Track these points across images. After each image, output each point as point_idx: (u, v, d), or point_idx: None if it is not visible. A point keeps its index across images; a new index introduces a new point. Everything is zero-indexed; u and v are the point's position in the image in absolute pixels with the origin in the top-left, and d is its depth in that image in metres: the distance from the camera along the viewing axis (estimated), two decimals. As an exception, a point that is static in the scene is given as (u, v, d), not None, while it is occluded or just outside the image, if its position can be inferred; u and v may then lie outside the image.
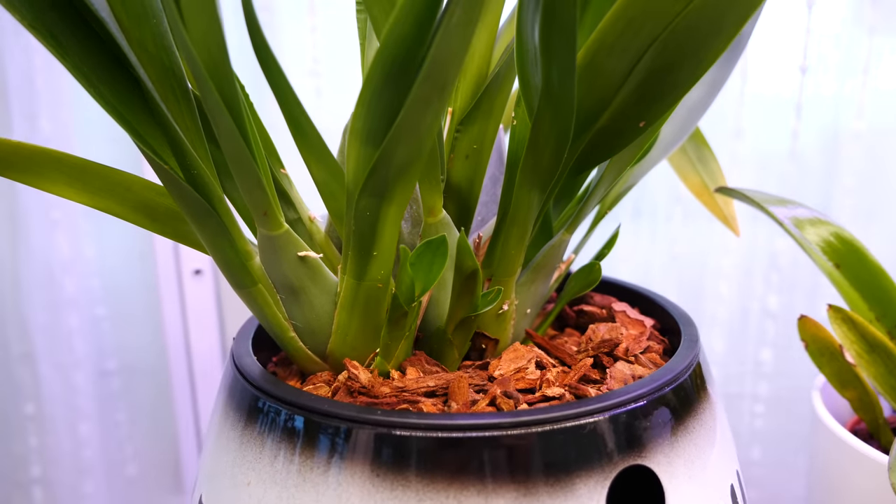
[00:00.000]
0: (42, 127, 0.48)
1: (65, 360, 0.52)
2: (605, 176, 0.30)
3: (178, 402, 0.57)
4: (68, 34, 0.22)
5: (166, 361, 0.57)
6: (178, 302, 0.55)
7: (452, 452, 0.22)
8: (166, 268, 0.54)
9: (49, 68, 0.47)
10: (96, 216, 0.53)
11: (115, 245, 0.55)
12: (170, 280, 0.54)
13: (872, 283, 0.35)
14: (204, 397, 0.57)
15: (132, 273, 0.55)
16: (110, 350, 0.56)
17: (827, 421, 0.35)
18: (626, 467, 0.23)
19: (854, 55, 0.50)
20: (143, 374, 0.58)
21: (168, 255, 0.54)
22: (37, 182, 0.25)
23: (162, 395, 0.58)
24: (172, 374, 0.56)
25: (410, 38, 0.20)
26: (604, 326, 0.31)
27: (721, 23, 0.22)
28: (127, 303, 0.56)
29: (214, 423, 0.28)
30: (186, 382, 0.57)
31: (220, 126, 0.22)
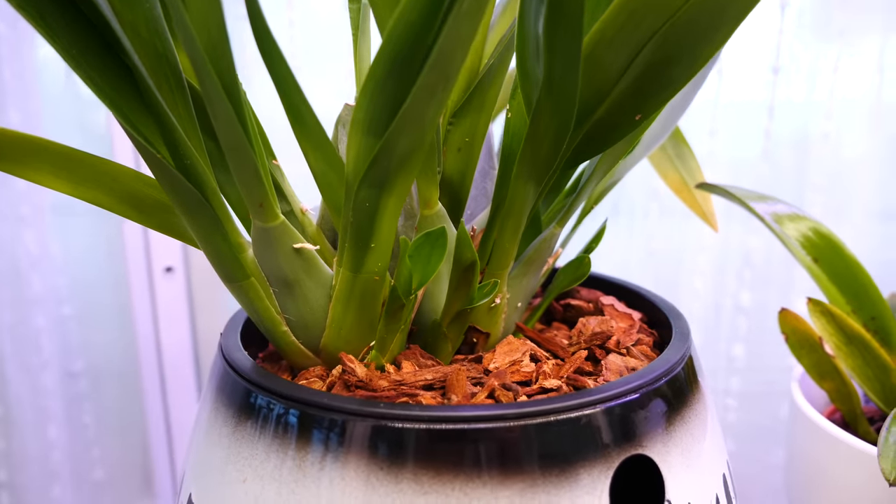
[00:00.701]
0: (10, 118, 0.46)
1: (32, 360, 0.51)
2: (598, 169, 0.30)
3: (149, 403, 0.55)
4: (57, 16, 0.22)
5: (136, 362, 0.55)
6: (148, 300, 0.53)
7: (458, 444, 0.21)
8: (136, 265, 0.53)
9: (17, 58, 0.46)
10: (65, 212, 0.52)
11: (83, 242, 0.53)
12: (140, 278, 0.53)
13: (849, 277, 0.36)
14: (175, 398, 0.56)
15: (101, 271, 0.54)
16: (77, 350, 0.54)
17: (807, 411, 0.35)
18: (627, 457, 0.23)
19: (824, 58, 0.51)
20: (111, 375, 0.56)
21: (139, 252, 0.52)
22: (19, 171, 0.24)
23: (131, 397, 0.57)
24: (143, 375, 0.55)
25: (418, 26, 0.20)
26: (594, 320, 0.31)
27: (721, 18, 0.22)
28: (95, 302, 0.54)
29: (203, 420, 0.28)
30: (157, 383, 0.55)
31: (218, 113, 0.21)
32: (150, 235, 0.52)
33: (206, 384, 0.29)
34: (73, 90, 0.51)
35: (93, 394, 0.55)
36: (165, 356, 0.55)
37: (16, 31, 0.46)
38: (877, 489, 0.32)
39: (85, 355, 0.54)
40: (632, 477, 0.24)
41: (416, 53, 0.21)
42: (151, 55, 0.23)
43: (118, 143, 0.51)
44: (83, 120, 0.52)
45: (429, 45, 0.21)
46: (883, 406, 0.36)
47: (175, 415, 0.56)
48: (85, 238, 0.53)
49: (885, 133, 0.53)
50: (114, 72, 0.23)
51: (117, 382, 0.56)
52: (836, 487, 0.34)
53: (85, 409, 0.55)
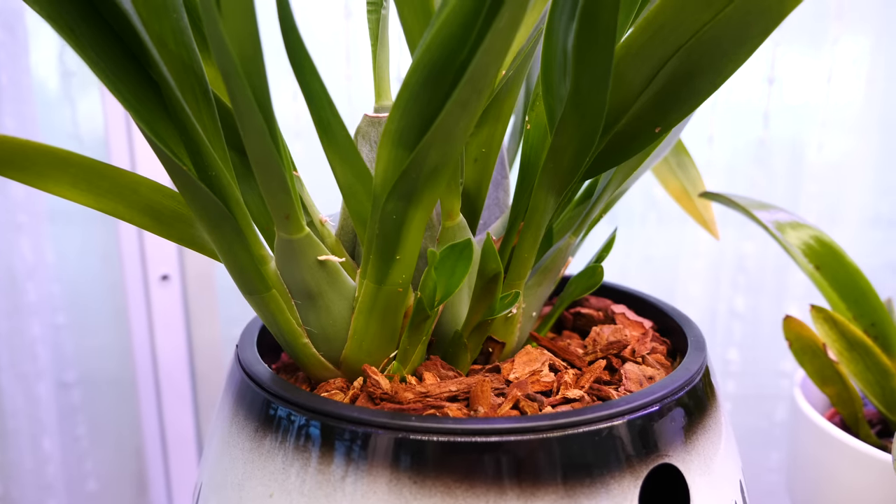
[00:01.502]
0: (6, 123, 0.45)
1: (27, 370, 0.49)
2: (613, 180, 0.30)
3: (144, 413, 0.54)
4: (86, 29, 0.21)
5: (131, 371, 0.54)
6: (144, 309, 0.52)
7: (491, 457, 0.21)
8: (132, 273, 0.52)
9: (13, 64, 0.45)
10: (61, 220, 0.51)
11: (77, 250, 0.52)
12: (136, 286, 0.52)
13: (850, 284, 0.37)
14: (170, 407, 0.55)
15: (95, 279, 0.53)
16: (70, 360, 0.53)
17: (811, 415, 0.36)
18: (655, 466, 0.23)
19: (817, 67, 0.52)
20: (105, 385, 0.55)
21: (134, 260, 0.51)
22: (39, 182, 0.23)
23: (125, 407, 0.56)
24: (138, 385, 0.54)
25: (455, 40, 0.20)
26: (608, 328, 0.32)
27: (746, 33, 0.23)
28: (90, 310, 0.53)
29: (220, 433, 0.28)
30: (152, 392, 0.54)
31: (248, 125, 0.21)
32: (146, 243, 0.52)
33: (223, 397, 0.29)
34: (68, 96, 0.50)
35: (86, 404, 0.54)
36: (161, 365, 0.54)
37: (12, 37, 0.45)
38: (880, 491, 0.33)
39: (78, 365, 0.53)
40: (655, 486, 0.24)
41: (450, 67, 0.21)
42: (178, 67, 0.23)
43: (114, 149, 0.51)
44: (77, 128, 0.51)
45: (462, 60, 0.21)
46: (884, 409, 0.37)
47: (170, 424, 0.56)
48: (80, 246, 0.52)
49: (878, 141, 0.54)
50: (139, 83, 0.23)
51: (111, 392, 0.55)
52: (840, 489, 0.35)
53: (78, 421, 0.54)
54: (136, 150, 0.51)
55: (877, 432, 0.39)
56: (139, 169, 0.49)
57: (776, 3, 0.22)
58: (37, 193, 0.48)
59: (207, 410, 0.57)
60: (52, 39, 0.50)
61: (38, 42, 0.48)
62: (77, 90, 0.50)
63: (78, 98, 0.50)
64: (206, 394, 0.57)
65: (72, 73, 0.50)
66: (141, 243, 0.52)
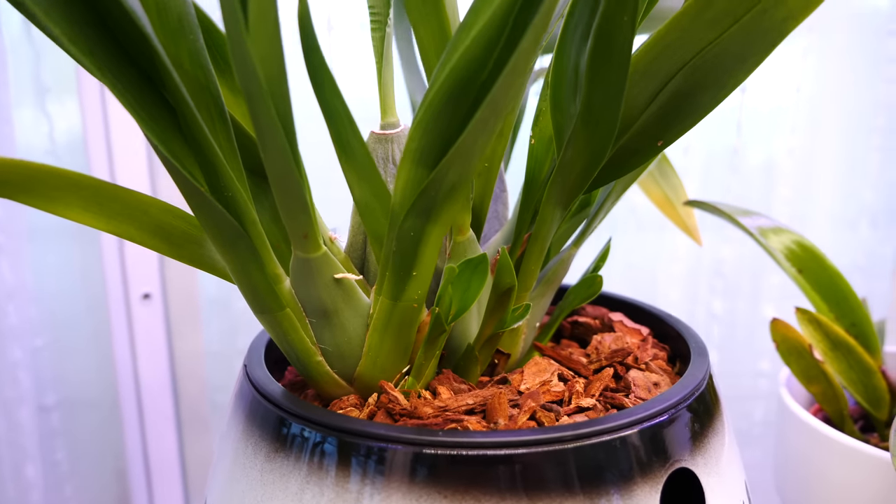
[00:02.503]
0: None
1: (9, 395, 0.48)
2: (613, 192, 0.31)
3: (126, 435, 0.53)
4: (101, 51, 0.21)
5: (113, 393, 0.53)
6: (125, 329, 0.51)
7: (520, 468, 0.22)
8: (113, 293, 0.51)
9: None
10: (41, 240, 0.49)
11: (57, 270, 0.51)
12: (117, 306, 0.51)
13: (831, 286, 0.39)
14: (153, 428, 0.54)
15: (75, 300, 0.52)
16: (49, 383, 0.52)
17: (799, 413, 0.37)
18: (674, 470, 0.24)
19: (789, 76, 0.54)
20: (86, 408, 0.54)
21: (116, 279, 0.50)
22: (49, 206, 0.23)
23: (106, 430, 0.54)
24: (121, 406, 0.53)
25: (478, 61, 0.21)
26: (609, 337, 0.32)
27: (749, 50, 0.24)
28: (69, 332, 0.52)
29: (230, 455, 0.27)
30: (135, 414, 0.53)
31: (270, 145, 0.21)
32: (127, 262, 0.51)
33: (231, 417, 0.29)
34: (44, 112, 0.49)
35: (66, 428, 0.53)
36: (143, 385, 0.53)
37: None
38: (870, 485, 0.34)
39: (58, 388, 0.52)
40: (671, 491, 0.25)
41: (472, 87, 0.21)
42: (194, 87, 0.23)
43: (94, 162, 0.50)
44: (53, 144, 0.50)
45: (483, 80, 0.22)
46: (867, 406, 0.38)
47: (153, 445, 0.54)
48: (58, 266, 0.51)
49: (843, 147, 0.57)
50: (154, 104, 0.23)
51: (91, 415, 0.54)
52: (831, 485, 0.36)
53: (58, 445, 0.52)
54: (115, 168, 0.50)
55: (860, 428, 0.40)
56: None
57: (778, 22, 0.23)
58: (16, 213, 0.47)
59: (191, 429, 0.56)
60: (28, 56, 0.48)
61: (16, 58, 0.47)
62: (53, 104, 0.49)
63: (53, 114, 0.49)
64: (189, 413, 0.56)
65: (47, 88, 0.49)
66: (122, 262, 0.51)
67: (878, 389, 0.38)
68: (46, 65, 0.49)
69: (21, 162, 0.22)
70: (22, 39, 0.48)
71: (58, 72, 0.49)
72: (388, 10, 0.29)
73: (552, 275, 0.32)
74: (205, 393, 0.55)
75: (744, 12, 0.22)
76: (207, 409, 0.56)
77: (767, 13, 0.22)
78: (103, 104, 0.50)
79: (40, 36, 0.49)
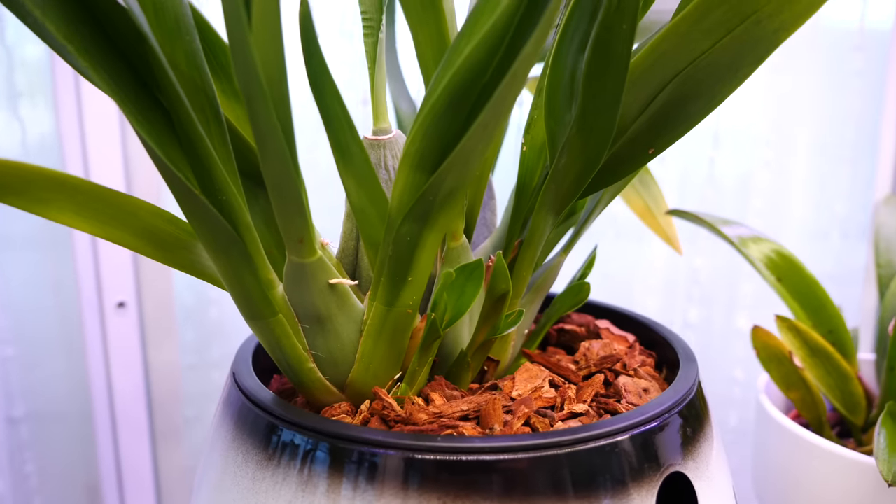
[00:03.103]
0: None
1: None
2: (602, 199, 0.31)
3: (99, 446, 0.52)
4: (97, 49, 0.21)
5: (86, 403, 0.52)
6: (99, 338, 0.50)
7: (522, 472, 0.22)
8: (88, 301, 0.49)
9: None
10: (11, 248, 0.48)
11: (28, 277, 0.50)
12: (92, 314, 0.49)
13: (809, 295, 0.40)
14: (126, 442, 0.53)
15: (47, 308, 0.50)
16: (18, 393, 0.50)
17: (779, 419, 0.38)
18: (669, 474, 0.24)
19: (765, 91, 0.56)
20: (56, 420, 0.52)
21: (90, 287, 0.49)
22: (41, 209, 0.22)
23: (77, 442, 0.53)
24: (94, 419, 0.51)
25: (481, 65, 0.21)
26: (597, 344, 0.33)
27: (742, 61, 0.24)
28: (41, 341, 0.50)
29: (217, 466, 0.27)
30: (108, 427, 0.52)
31: (270, 149, 0.21)
32: (102, 270, 0.49)
33: (218, 427, 0.28)
34: (16, 116, 0.48)
35: (35, 440, 0.51)
36: (116, 395, 0.51)
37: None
38: (850, 488, 0.35)
39: (27, 399, 0.50)
40: (664, 494, 0.25)
41: (472, 91, 0.22)
42: (190, 89, 0.22)
43: (70, 168, 0.48)
44: (28, 145, 0.49)
45: (485, 83, 0.22)
46: (844, 411, 0.39)
47: (126, 458, 0.53)
48: (30, 273, 0.49)
49: (816, 161, 0.58)
50: (149, 107, 0.22)
51: (63, 427, 0.52)
52: (811, 488, 0.37)
53: (27, 458, 0.51)
54: (91, 174, 0.49)
55: (836, 433, 0.41)
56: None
57: (770, 33, 0.23)
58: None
59: (164, 441, 0.55)
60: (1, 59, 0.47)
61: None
62: (24, 106, 0.48)
63: (24, 117, 0.48)
64: (162, 424, 0.55)
65: (20, 93, 0.48)
66: (97, 270, 0.49)
67: (854, 395, 0.38)
68: (19, 68, 0.48)
69: (11, 162, 0.21)
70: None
71: (31, 76, 0.48)
72: (381, 15, 0.29)
73: (542, 282, 0.32)
74: (178, 402, 0.54)
75: (738, 23, 0.23)
76: (181, 420, 0.55)
77: (761, 24, 0.23)
78: (79, 109, 0.49)
79: (14, 39, 0.48)
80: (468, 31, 0.22)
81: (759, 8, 0.22)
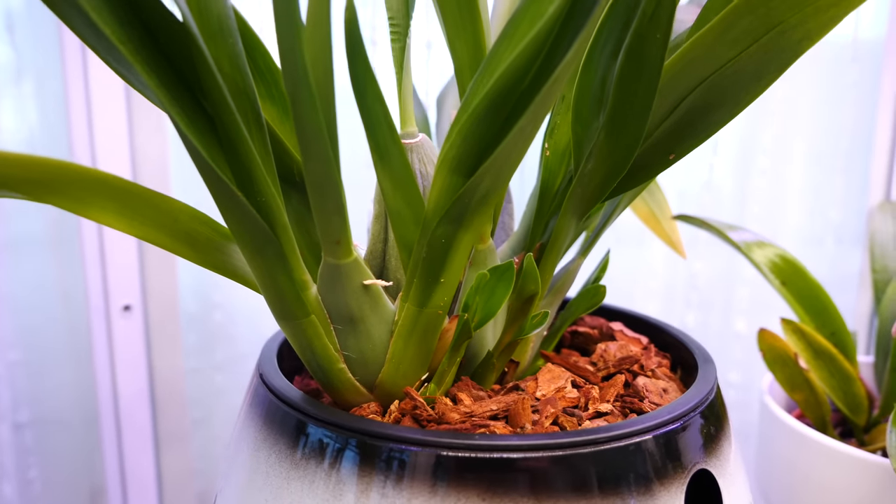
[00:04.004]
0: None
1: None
2: (621, 203, 0.32)
3: (106, 452, 0.51)
4: (146, 52, 0.21)
5: (91, 409, 0.51)
6: (105, 341, 0.50)
7: (558, 470, 0.22)
8: (94, 305, 0.49)
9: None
10: (18, 250, 0.47)
11: (35, 281, 0.49)
12: (98, 318, 0.49)
13: (812, 298, 0.41)
14: (130, 446, 0.52)
15: (54, 312, 0.50)
16: (24, 398, 0.49)
17: (785, 418, 0.39)
18: (696, 471, 0.25)
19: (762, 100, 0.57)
20: (61, 425, 0.52)
21: (97, 291, 0.49)
22: (81, 209, 0.22)
23: (82, 447, 0.52)
24: (100, 423, 0.51)
25: (521, 72, 0.21)
26: (613, 345, 0.33)
27: (765, 69, 0.25)
28: (47, 345, 0.50)
29: (245, 464, 0.27)
30: (113, 431, 0.51)
31: (314, 150, 0.21)
32: (109, 273, 0.49)
33: (243, 427, 0.28)
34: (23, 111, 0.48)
35: (39, 445, 0.51)
36: (122, 400, 0.51)
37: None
38: (856, 487, 0.36)
39: (32, 403, 0.50)
40: (690, 492, 0.26)
41: (512, 96, 0.22)
42: (233, 91, 0.23)
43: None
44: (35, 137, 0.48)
45: (523, 89, 0.22)
46: (847, 412, 0.40)
47: (130, 462, 0.53)
48: (37, 277, 0.49)
49: (813, 169, 0.60)
50: (192, 107, 0.23)
51: (67, 431, 0.52)
52: (817, 487, 0.38)
53: (31, 463, 0.50)
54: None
55: (839, 433, 0.42)
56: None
57: (794, 43, 0.24)
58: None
59: (168, 444, 0.55)
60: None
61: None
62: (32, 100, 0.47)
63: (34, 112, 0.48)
64: (166, 427, 0.54)
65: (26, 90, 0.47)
66: (104, 273, 0.49)
67: (857, 396, 0.39)
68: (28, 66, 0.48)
69: (52, 161, 0.21)
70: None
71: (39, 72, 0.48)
72: (409, 21, 0.29)
73: (561, 284, 0.32)
74: (183, 406, 0.54)
75: (764, 32, 0.23)
76: (185, 423, 0.55)
77: (786, 34, 0.23)
78: (88, 103, 0.48)
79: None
80: (507, 39, 0.22)
81: (785, 18, 0.23)
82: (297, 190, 0.27)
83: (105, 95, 0.49)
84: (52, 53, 0.48)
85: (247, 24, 0.25)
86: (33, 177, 0.22)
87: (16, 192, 0.22)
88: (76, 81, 0.48)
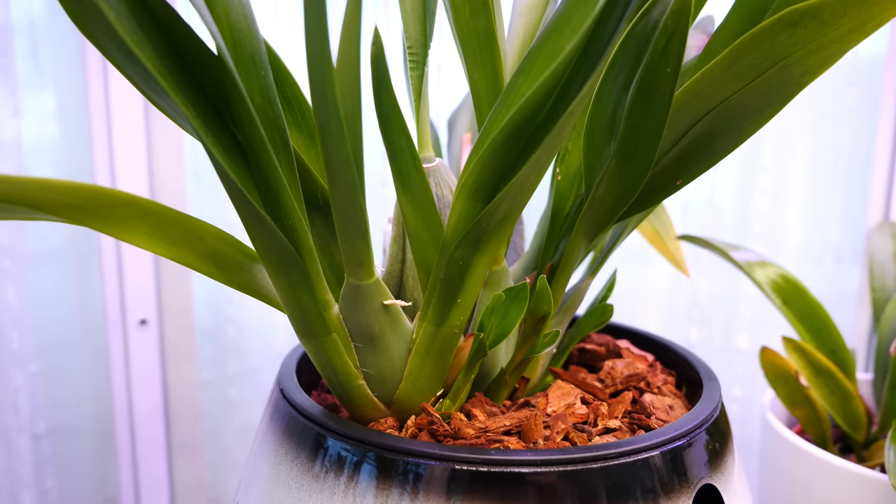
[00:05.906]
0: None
1: (10, 422, 0.46)
2: (629, 226, 0.33)
3: (120, 464, 0.52)
4: (183, 83, 0.22)
5: (106, 420, 0.52)
6: (121, 355, 0.51)
7: (569, 484, 0.23)
8: (111, 319, 0.50)
9: None
10: (34, 265, 0.49)
11: (54, 295, 0.50)
12: (115, 332, 0.50)
13: (813, 317, 0.42)
14: (144, 458, 0.53)
15: (71, 325, 0.51)
16: (42, 410, 0.50)
17: (787, 435, 0.40)
18: (701, 486, 0.26)
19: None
20: (77, 436, 0.52)
21: (114, 305, 0.50)
22: (117, 231, 0.24)
23: (97, 458, 0.53)
24: (115, 435, 0.52)
25: (538, 105, 0.23)
26: (620, 362, 0.34)
27: (769, 101, 0.26)
28: (64, 358, 0.51)
29: (266, 476, 0.28)
30: (128, 443, 0.52)
31: (340, 177, 0.22)
32: (126, 288, 0.50)
33: (262, 441, 0.29)
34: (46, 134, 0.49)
35: (57, 456, 0.51)
36: (136, 412, 0.52)
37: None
38: (853, 501, 0.37)
39: (50, 414, 0.51)
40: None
41: (529, 127, 0.23)
42: (263, 120, 0.24)
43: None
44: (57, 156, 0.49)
45: (539, 122, 0.23)
46: (847, 429, 0.41)
47: (144, 474, 0.53)
48: (56, 291, 0.50)
49: (813, 188, 0.61)
50: (224, 134, 0.24)
51: (82, 442, 0.53)
52: (816, 501, 0.39)
53: (48, 473, 0.51)
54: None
55: (839, 449, 0.43)
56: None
57: (797, 77, 0.25)
58: (21, 237, 0.46)
59: (181, 455, 0.56)
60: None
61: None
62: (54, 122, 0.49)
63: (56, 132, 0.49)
64: (179, 439, 0.55)
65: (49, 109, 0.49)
66: (121, 287, 0.50)
67: (856, 413, 0.40)
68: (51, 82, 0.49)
69: (94, 187, 0.23)
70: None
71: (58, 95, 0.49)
72: (427, 50, 0.30)
73: (570, 303, 0.33)
74: (197, 418, 0.55)
75: (768, 67, 0.25)
76: (198, 435, 0.56)
77: (789, 69, 0.25)
78: (108, 124, 0.50)
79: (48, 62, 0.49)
80: (524, 75, 0.23)
81: (789, 54, 0.24)
82: (320, 213, 0.29)
83: (124, 111, 0.50)
84: (75, 68, 0.49)
85: (277, 57, 0.26)
86: (73, 202, 0.23)
87: (55, 216, 0.23)
88: (97, 96, 0.49)
